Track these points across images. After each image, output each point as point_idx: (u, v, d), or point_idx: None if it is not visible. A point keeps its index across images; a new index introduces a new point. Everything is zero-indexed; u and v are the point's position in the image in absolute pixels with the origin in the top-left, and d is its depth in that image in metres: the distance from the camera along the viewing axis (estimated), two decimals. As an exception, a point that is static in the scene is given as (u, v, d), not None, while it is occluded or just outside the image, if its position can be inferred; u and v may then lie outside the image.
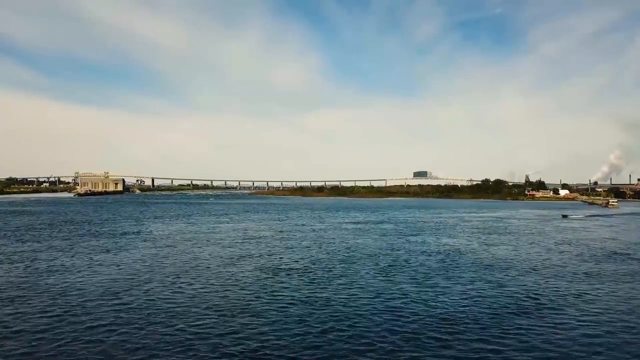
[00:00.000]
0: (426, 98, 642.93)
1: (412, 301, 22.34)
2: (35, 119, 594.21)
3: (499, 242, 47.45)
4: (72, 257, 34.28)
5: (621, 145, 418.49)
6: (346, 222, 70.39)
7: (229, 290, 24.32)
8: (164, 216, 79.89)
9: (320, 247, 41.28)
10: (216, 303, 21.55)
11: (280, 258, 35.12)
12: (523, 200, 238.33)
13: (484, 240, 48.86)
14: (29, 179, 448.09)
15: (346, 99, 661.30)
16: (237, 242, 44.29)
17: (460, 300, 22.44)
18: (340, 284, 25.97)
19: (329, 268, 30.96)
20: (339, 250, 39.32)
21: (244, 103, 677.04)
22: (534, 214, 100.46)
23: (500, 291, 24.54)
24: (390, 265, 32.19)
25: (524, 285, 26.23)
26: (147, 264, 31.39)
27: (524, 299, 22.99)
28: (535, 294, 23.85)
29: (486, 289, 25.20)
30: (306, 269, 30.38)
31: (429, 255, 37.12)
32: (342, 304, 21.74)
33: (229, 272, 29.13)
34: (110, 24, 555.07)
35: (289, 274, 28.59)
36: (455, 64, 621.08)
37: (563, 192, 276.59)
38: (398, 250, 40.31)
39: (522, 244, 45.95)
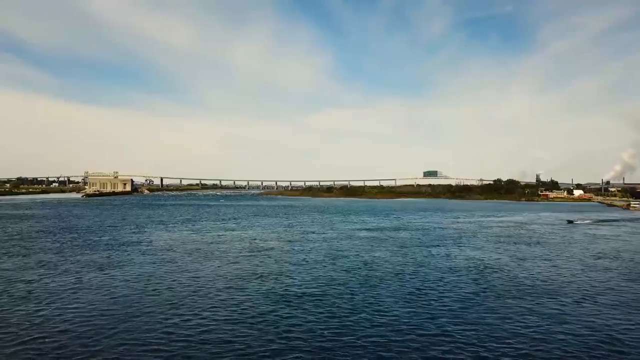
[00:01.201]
0: (434, 97, 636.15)
1: (456, 347, 18.09)
2: (46, 119, 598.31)
3: (532, 255, 42.88)
4: (59, 276, 30.51)
5: (635, 144, 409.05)
6: (359, 229, 66.14)
7: (231, 328, 20.28)
8: (168, 221, 76.32)
9: (334, 264, 37.11)
10: (215, 352, 17.53)
11: (291, 279, 31.01)
12: (537, 201, 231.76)
13: (514, 253, 44.29)
14: (39, 179, 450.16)
15: (354, 99, 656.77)
16: (243, 256, 40.30)
17: (515, 344, 18.16)
18: (363, 319, 21.81)
19: (348, 294, 26.78)
20: (356, 268, 35.10)
21: (252, 102, 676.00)
22: (556, 218, 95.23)
23: (566, 329, 20.20)
24: (417, 290, 27.90)
25: (589, 321, 21.82)
26: (140, 288, 27.44)
27: (600, 344, 18.64)
28: (610, 335, 19.49)
29: (543, 325, 20.88)
30: (322, 295, 26.24)
31: (459, 275, 32.77)
32: (369, 350, 17.59)
33: (232, 300, 25.07)
34: (120, 24, 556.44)
35: (301, 302, 24.48)
36: (464, 62, 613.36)
37: (577, 193, 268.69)
38: (422, 266, 36.03)
39: (559, 258, 41.30)
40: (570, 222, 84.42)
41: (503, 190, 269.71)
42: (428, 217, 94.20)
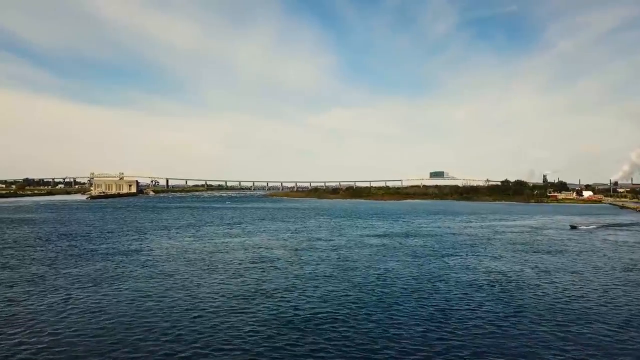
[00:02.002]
0: (439, 97, 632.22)
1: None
2: (52, 120, 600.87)
3: (556, 266, 39.93)
4: (46, 295, 28.04)
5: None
6: (368, 235, 63.38)
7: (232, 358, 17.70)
8: (171, 226, 73.96)
9: (345, 278, 34.40)
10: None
11: (299, 297, 28.35)
12: (547, 202, 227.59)
13: (537, 264, 41.32)
14: (45, 180, 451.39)
15: (358, 98, 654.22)
16: (247, 269, 37.70)
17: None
18: (381, 347, 19.13)
19: (363, 316, 24.07)
20: (370, 284, 32.40)
21: (256, 103, 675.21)
22: (570, 222, 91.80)
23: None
24: (439, 311, 25.12)
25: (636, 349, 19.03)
26: (131, 312, 24.82)
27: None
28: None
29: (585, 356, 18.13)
30: (334, 318, 23.54)
31: (482, 292, 29.99)
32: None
33: (235, 324, 22.46)
34: (123, 24, 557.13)
35: (311, 326, 21.80)
36: (468, 62, 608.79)
37: (587, 194, 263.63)
38: (440, 281, 33.27)
39: (587, 270, 38.33)
40: (573, 227, 79.26)
41: (511, 191, 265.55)
42: (438, 221, 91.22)
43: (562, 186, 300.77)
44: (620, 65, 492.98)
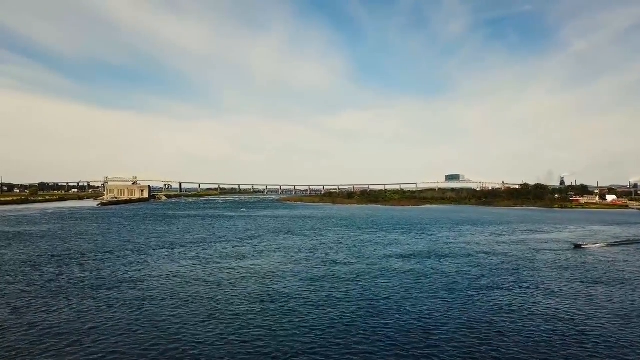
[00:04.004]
0: (453, 98, 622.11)
1: None
2: (68, 124, 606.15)
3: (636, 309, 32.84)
4: (13, 341, 22.08)
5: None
6: (393, 256, 56.60)
7: None
8: (176, 243, 68.07)
9: (373, 326, 27.80)
10: None
11: (317, 352, 21.91)
12: (571, 208, 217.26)
13: (606, 303, 34.24)
14: (60, 184, 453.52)
15: (371, 100, 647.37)
16: (256, 307, 31.43)
17: None
18: None
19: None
20: (405, 336, 25.75)
21: (269, 105, 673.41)
22: (613, 236, 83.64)
23: None
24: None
25: None
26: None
27: None
28: None
29: None
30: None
31: (555, 354, 23.16)
32: None
33: None
34: (136, 28, 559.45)
35: None
36: (483, 63, 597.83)
37: (610, 198, 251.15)
38: (500, 335, 26.47)
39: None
40: (577, 246, 66.23)
41: (531, 195, 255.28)
42: (466, 234, 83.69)
43: (583, 189, 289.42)
44: (638, 64, 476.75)
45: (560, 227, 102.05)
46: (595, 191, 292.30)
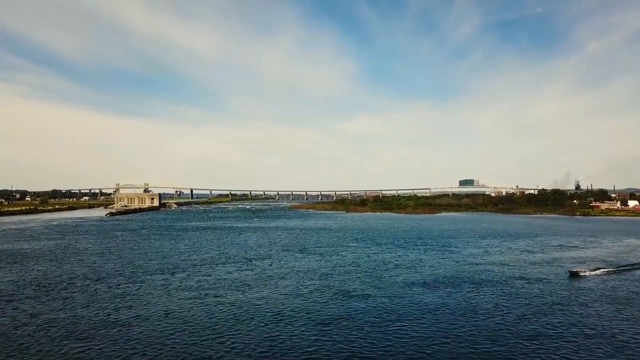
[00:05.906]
0: (465, 102, 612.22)
1: None
2: (81, 131, 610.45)
3: None
4: None
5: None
6: (415, 284, 50.12)
7: None
8: (178, 267, 62.29)
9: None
10: None
11: None
12: (593, 215, 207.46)
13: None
14: (72, 191, 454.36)
15: (382, 104, 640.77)
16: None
17: None
18: None
19: None
20: None
21: (279, 110, 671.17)
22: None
23: None
24: None
25: None
26: None
27: None
28: None
29: None
30: None
31: None
32: None
33: None
34: (148, 35, 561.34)
35: None
36: (494, 66, 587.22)
37: (632, 203, 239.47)
38: None
39: None
40: (573, 274, 56.14)
41: (549, 201, 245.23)
42: (495, 252, 76.22)
43: (602, 195, 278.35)
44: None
45: (593, 241, 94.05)
46: (613, 195, 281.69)
